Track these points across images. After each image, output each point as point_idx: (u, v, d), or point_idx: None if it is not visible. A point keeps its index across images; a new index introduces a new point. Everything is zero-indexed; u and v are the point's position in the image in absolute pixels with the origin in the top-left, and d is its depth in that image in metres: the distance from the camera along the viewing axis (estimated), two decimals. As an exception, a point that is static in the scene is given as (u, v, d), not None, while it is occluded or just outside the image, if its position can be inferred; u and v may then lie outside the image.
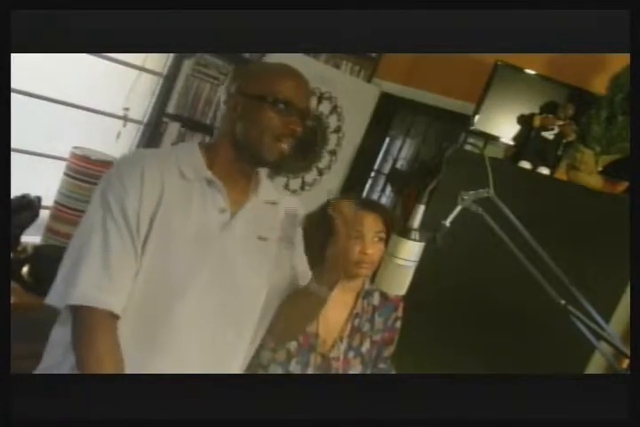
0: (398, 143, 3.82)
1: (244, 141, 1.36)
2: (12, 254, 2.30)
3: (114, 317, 1.26)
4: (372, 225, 1.70)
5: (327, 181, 3.58)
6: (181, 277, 1.31)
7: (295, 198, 1.63)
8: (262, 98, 1.34)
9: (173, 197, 1.32)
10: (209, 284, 1.34)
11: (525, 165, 2.51)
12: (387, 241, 1.65)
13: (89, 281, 1.24)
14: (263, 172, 1.49)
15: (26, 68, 2.35)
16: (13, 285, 2.15)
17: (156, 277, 1.30)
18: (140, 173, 1.30)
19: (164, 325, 1.31)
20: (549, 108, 2.60)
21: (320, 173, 3.54)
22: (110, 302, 1.25)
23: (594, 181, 2.34)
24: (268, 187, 1.49)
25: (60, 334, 1.32)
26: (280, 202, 1.49)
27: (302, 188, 3.49)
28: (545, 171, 2.50)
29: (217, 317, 1.36)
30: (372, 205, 1.77)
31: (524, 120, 2.62)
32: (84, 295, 1.24)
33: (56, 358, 1.33)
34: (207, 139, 3.15)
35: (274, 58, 3.09)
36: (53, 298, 1.28)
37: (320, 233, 1.71)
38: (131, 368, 1.26)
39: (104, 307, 1.24)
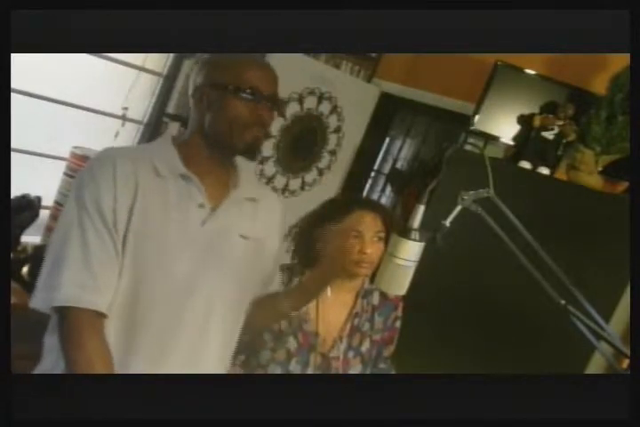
0: (398, 143, 3.82)
1: (214, 132, 1.36)
2: (12, 254, 2.30)
3: (100, 316, 1.25)
4: (371, 225, 1.70)
5: (327, 181, 3.58)
6: (166, 274, 1.31)
7: (274, 195, 1.64)
8: (226, 87, 1.33)
9: (149, 193, 1.31)
10: (193, 278, 1.33)
11: (525, 165, 2.51)
12: (386, 241, 1.65)
13: (71, 281, 1.23)
14: (243, 165, 1.47)
15: (26, 68, 2.35)
16: (13, 285, 2.15)
17: (139, 276, 1.29)
18: (112, 170, 1.29)
19: (143, 323, 1.30)
20: (549, 108, 2.60)
21: (320, 173, 3.54)
22: (95, 301, 1.24)
23: (594, 181, 2.34)
24: (249, 182, 1.48)
25: (53, 340, 1.31)
26: (260, 199, 1.48)
27: (302, 188, 3.48)
28: (545, 171, 2.50)
29: (193, 312, 1.35)
30: (371, 205, 1.77)
31: (524, 120, 2.62)
32: (68, 296, 1.23)
33: (50, 363, 1.32)
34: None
35: (274, 58, 3.09)
36: (37, 302, 1.27)
37: (317, 233, 1.72)
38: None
39: (90, 307, 1.23)
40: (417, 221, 1.26)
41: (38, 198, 2.38)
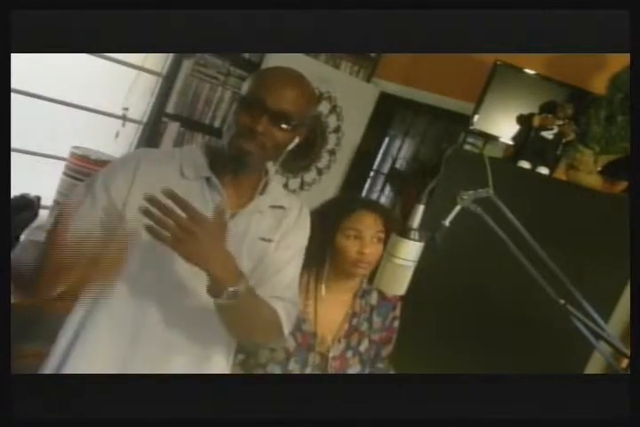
0: (398, 143, 3.83)
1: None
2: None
3: None
4: (371, 225, 1.70)
5: (326, 181, 3.58)
6: (173, 266, 1.30)
7: (303, 205, 1.52)
8: (241, 97, 1.35)
9: None
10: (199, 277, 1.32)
11: (525, 164, 2.51)
12: (386, 241, 1.65)
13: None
14: (273, 174, 1.47)
15: (26, 68, 2.35)
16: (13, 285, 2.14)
17: (145, 265, 1.30)
18: (135, 166, 1.32)
19: (145, 318, 1.31)
20: (549, 108, 2.60)
21: (319, 172, 3.54)
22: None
23: (593, 180, 2.35)
24: (277, 191, 1.46)
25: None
26: (290, 208, 1.45)
27: (302, 188, 3.49)
28: (544, 171, 2.50)
29: (194, 308, 1.34)
30: (373, 205, 1.77)
31: (524, 120, 2.62)
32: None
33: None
34: (207, 139, 3.15)
35: (274, 58, 3.08)
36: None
37: (318, 232, 1.71)
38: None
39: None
40: (416, 221, 1.26)
41: (38, 198, 2.38)
